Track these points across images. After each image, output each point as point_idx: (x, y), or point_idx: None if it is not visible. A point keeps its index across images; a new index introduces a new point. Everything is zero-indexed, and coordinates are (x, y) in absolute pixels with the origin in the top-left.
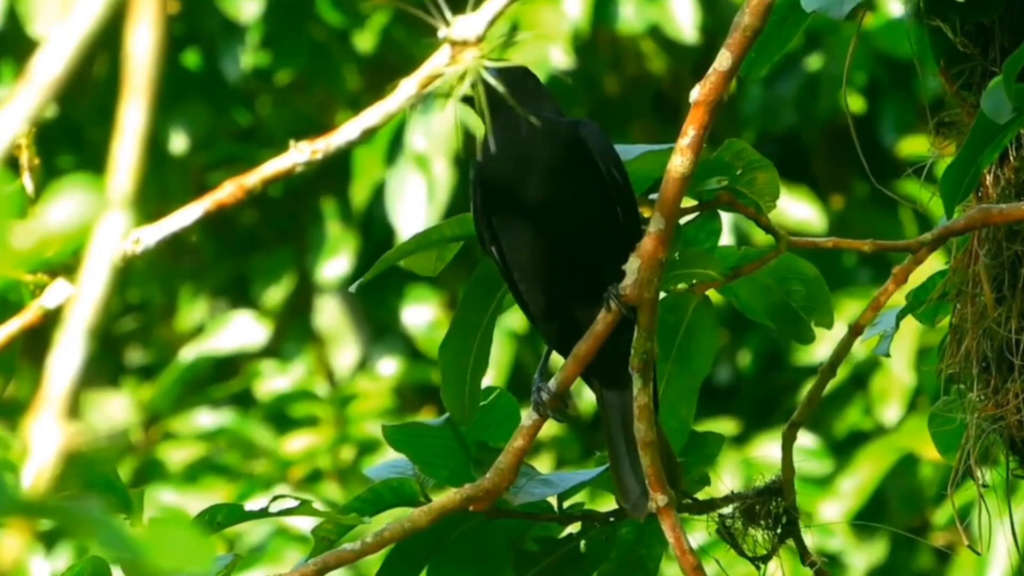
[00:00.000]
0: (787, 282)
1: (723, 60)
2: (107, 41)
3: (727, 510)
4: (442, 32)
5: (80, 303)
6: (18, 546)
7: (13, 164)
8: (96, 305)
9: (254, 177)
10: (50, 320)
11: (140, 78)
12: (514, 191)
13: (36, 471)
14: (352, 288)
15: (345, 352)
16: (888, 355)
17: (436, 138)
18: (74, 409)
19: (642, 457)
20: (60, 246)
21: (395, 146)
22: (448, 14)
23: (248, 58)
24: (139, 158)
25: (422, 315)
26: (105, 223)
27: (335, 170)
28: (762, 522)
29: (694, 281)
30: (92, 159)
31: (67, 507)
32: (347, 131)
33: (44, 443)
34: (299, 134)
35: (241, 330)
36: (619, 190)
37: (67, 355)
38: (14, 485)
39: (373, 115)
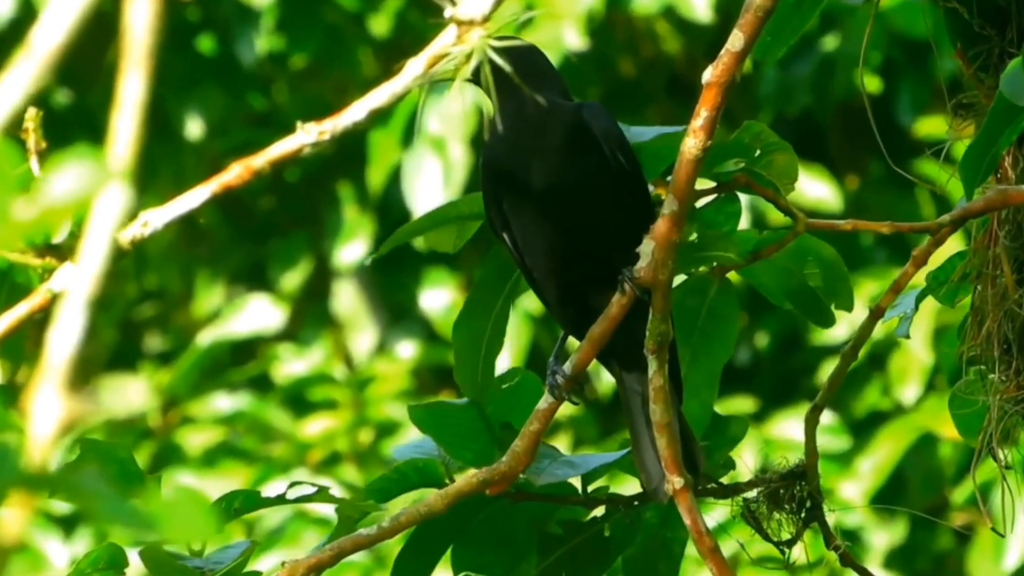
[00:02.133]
0: (806, 265)
1: (735, 41)
2: (120, 26)
3: (751, 494)
4: (448, 12)
5: (80, 273)
6: (21, 520)
7: (22, 147)
8: (96, 275)
9: (261, 159)
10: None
11: (139, 49)
12: (520, 176)
13: (38, 443)
14: (366, 261)
15: (363, 336)
16: (908, 337)
17: (452, 120)
18: (76, 382)
19: (658, 439)
20: (61, 216)
21: (411, 129)
22: None
23: (263, 42)
24: (138, 129)
25: (440, 298)
26: (106, 193)
27: (351, 154)
28: (786, 506)
29: (714, 264)
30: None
31: (70, 478)
32: (354, 112)
33: (45, 415)
34: (316, 120)
35: (258, 314)
36: (625, 173)
37: (67, 326)
38: (17, 457)
39: (380, 96)
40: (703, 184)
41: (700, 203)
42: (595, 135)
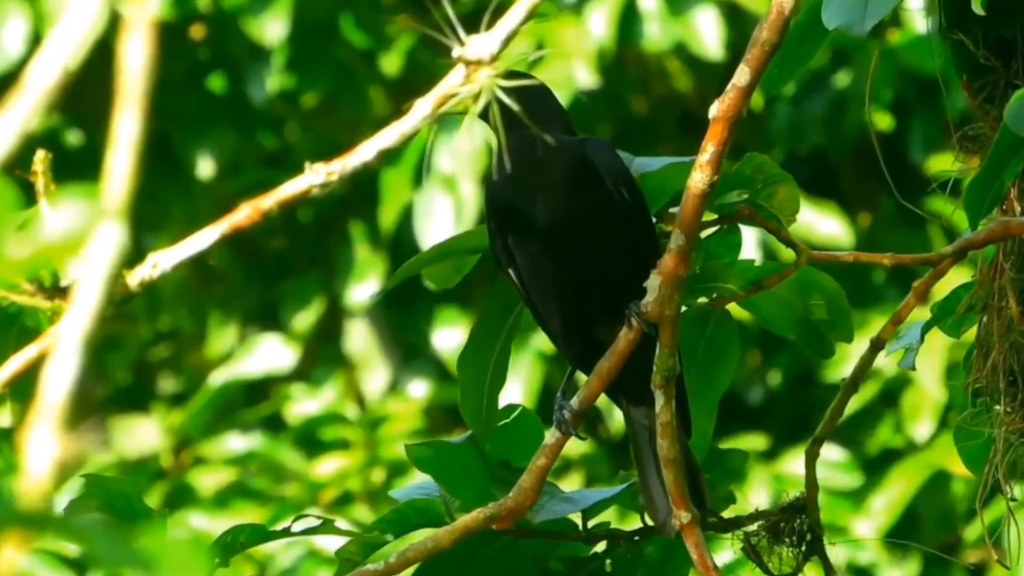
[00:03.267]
0: (808, 296)
1: (741, 75)
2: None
3: (752, 527)
4: (456, 52)
5: (76, 311)
6: (17, 560)
7: (30, 189)
8: (92, 314)
9: (270, 200)
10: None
11: (134, 87)
12: (524, 211)
13: (33, 482)
14: (372, 300)
15: (375, 375)
16: (914, 368)
17: (462, 158)
18: (77, 421)
19: (665, 474)
20: (57, 254)
21: (422, 168)
22: (463, 34)
23: (274, 81)
24: (134, 168)
25: (452, 337)
26: (100, 231)
27: (363, 193)
28: (787, 539)
29: (714, 295)
30: None
31: (66, 519)
32: (363, 152)
33: (40, 454)
34: (328, 159)
35: (270, 354)
36: (629, 207)
37: (62, 365)
38: (13, 497)
39: (389, 136)
40: (706, 216)
41: (703, 234)
42: (598, 170)
